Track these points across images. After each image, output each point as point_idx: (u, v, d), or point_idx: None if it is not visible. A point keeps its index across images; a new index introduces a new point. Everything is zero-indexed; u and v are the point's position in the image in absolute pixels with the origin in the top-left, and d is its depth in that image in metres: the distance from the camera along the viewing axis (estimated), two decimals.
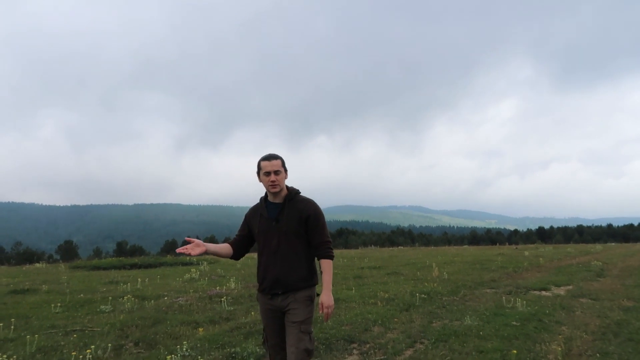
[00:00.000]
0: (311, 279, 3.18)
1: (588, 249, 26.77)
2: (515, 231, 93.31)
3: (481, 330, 5.78)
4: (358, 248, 42.21)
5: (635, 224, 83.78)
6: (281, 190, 3.20)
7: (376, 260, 18.75)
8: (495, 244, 48.13)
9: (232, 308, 7.83)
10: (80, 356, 4.74)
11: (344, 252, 30.52)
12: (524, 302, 7.52)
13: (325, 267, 3.15)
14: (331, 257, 3.18)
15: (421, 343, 5.39)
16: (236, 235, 3.43)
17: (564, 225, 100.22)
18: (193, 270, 14.12)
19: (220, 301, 8.31)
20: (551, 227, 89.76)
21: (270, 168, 3.12)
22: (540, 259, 16.99)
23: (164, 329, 6.30)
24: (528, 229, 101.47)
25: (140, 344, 5.66)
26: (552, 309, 7.14)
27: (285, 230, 3.12)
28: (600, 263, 14.81)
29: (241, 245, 3.39)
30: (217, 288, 10.25)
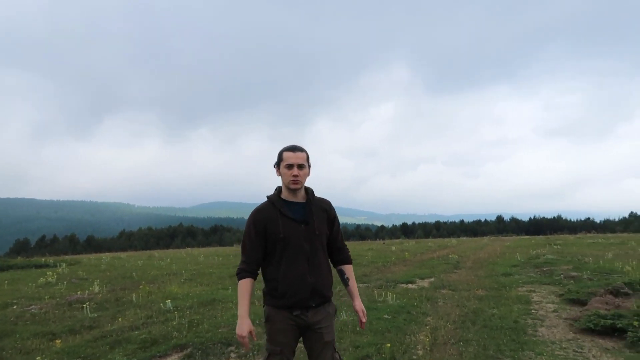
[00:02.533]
0: (333, 288, 2.92)
1: (445, 243, 29.38)
2: (382, 227, 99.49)
3: (356, 325, 5.98)
4: (233, 245, 41.62)
5: (483, 219, 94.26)
6: (301, 188, 2.78)
7: None
8: (365, 239, 50.77)
9: (95, 315, 7.16)
10: None
11: (219, 249, 29.82)
12: (394, 295, 7.96)
13: (351, 273, 2.98)
14: (351, 262, 3.04)
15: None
16: (248, 253, 2.77)
17: (424, 221, 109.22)
18: (49, 273, 12.68)
19: (82, 307, 7.56)
20: (413, 223, 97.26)
21: (294, 160, 2.69)
22: (406, 253, 18.24)
23: (12, 343, 5.54)
24: (393, 224, 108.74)
25: None
26: (419, 301, 7.65)
27: (317, 234, 2.76)
28: (457, 256, 16.33)
29: (260, 263, 2.80)
30: (79, 293, 9.32)
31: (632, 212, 75.51)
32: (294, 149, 2.75)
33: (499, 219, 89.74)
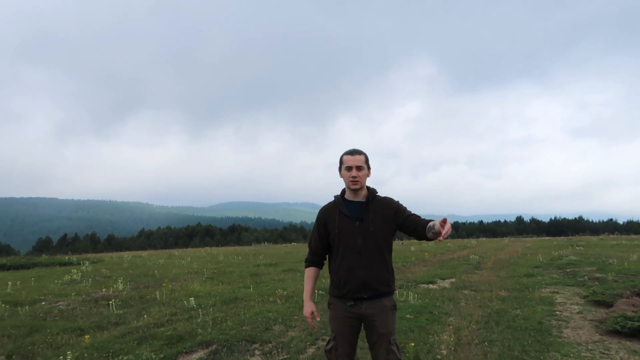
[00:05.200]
0: (393, 283, 3.03)
1: (465, 243, 29.15)
2: None
3: None
4: (251, 245, 41.93)
5: (502, 220, 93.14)
6: (362, 188, 2.98)
7: (271, 257, 18.73)
8: None
9: (121, 311, 7.30)
10: None
11: (238, 249, 30.07)
12: (415, 295, 7.95)
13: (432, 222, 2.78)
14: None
15: (323, 340, 5.44)
16: (312, 246, 3.13)
17: None
18: (74, 270, 12.97)
19: (108, 304, 7.71)
20: None
21: (353, 163, 2.93)
22: (426, 253, 18.17)
23: (42, 338, 5.68)
24: None
25: (14, 357, 5.04)
26: (441, 301, 7.62)
27: (372, 231, 2.92)
28: (477, 257, 16.21)
29: (323, 254, 3.13)
30: (104, 290, 9.51)
31: None
32: (352, 152, 2.97)
33: (519, 219, 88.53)
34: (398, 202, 3.05)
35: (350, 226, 2.92)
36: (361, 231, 2.91)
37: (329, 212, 3.03)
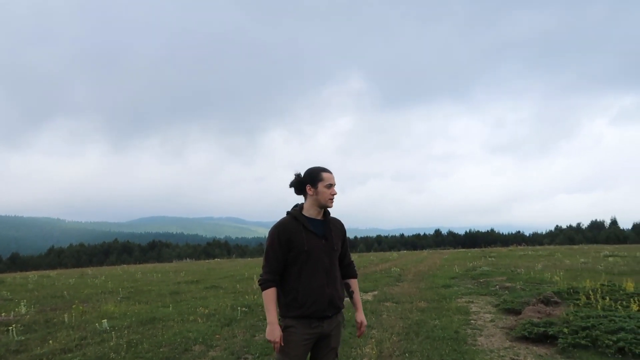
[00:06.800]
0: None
1: (387, 256, 29.90)
2: None
3: None
4: (172, 261, 40.38)
5: (422, 233, 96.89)
6: None
7: (193, 274, 18.13)
8: None
9: (23, 338, 6.69)
10: None
11: (158, 266, 28.83)
12: None
13: (356, 286, 3.17)
14: (357, 276, 3.22)
15: (245, 359, 5.31)
16: (272, 265, 2.86)
17: (365, 235, 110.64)
18: None
19: (8, 330, 7.04)
20: (355, 237, 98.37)
21: (333, 181, 2.93)
22: None
23: None
24: None
25: None
26: (364, 314, 7.71)
27: (335, 250, 2.96)
28: (398, 269, 16.69)
29: (281, 272, 2.90)
30: (3, 314, 8.68)
31: (557, 226, 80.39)
32: (329, 170, 2.98)
33: (437, 232, 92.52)
34: (345, 227, 3.15)
35: (317, 244, 2.88)
36: (327, 250, 2.92)
37: (291, 228, 2.88)
